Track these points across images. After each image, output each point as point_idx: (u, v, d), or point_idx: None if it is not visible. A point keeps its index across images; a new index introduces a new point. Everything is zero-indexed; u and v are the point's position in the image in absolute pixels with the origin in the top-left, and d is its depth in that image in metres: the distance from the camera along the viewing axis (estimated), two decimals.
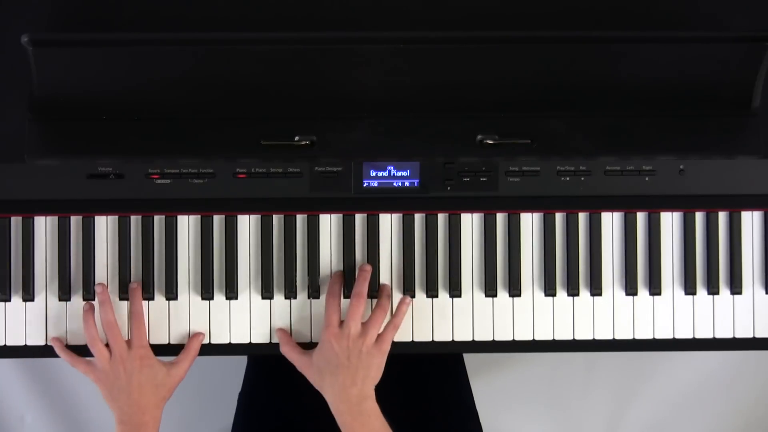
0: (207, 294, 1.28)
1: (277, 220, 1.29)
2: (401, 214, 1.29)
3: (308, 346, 1.27)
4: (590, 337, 1.30)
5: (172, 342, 1.28)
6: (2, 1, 1.28)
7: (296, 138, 1.24)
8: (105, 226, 1.28)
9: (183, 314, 1.28)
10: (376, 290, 1.28)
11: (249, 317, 1.29)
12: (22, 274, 1.28)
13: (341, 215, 1.29)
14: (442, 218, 1.29)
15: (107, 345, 1.24)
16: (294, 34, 1.22)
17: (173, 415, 1.95)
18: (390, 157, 1.27)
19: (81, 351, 1.28)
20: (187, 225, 1.29)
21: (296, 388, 1.33)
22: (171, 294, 1.28)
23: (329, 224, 1.29)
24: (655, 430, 2.03)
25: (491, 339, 1.30)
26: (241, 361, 1.60)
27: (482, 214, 1.29)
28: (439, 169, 1.27)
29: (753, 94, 1.25)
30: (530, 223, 1.30)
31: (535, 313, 1.30)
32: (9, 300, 1.28)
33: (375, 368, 1.22)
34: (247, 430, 1.44)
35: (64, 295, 1.28)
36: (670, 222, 1.31)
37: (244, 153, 1.25)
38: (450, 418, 1.45)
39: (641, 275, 1.30)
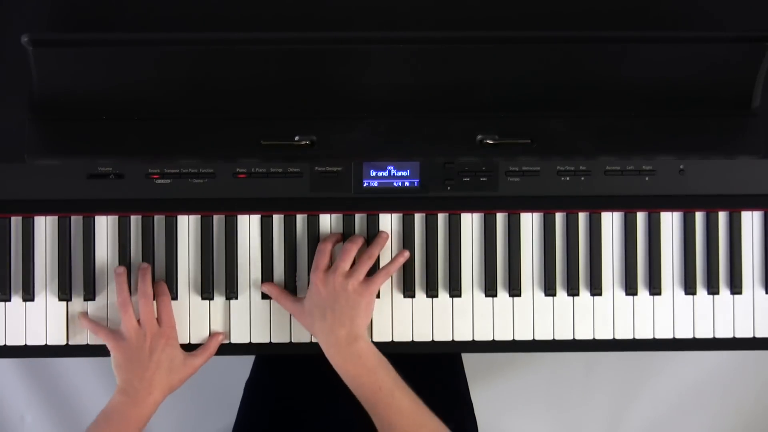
0: (207, 294, 1.28)
1: (277, 220, 1.29)
2: (401, 214, 1.29)
3: (308, 347, 1.27)
4: (590, 337, 1.30)
5: None
6: (2, 1, 1.28)
7: (296, 138, 1.24)
8: (105, 226, 1.28)
9: (183, 314, 1.28)
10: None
11: (249, 317, 1.29)
12: (22, 274, 1.28)
13: (341, 215, 1.29)
14: (442, 218, 1.29)
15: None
16: (294, 34, 1.22)
17: (173, 415, 1.95)
18: (390, 157, 1.27)
19: (81, 351, 1.28)
20: (187, 225, 1.29)
21: (302, 378, 1.34)
22: (171, 294, 1.28)
23: (329, 224, 1.29)
24: (655, 430, 2.03)
25: (491, 339, 1.30)
26: (240, 360, 1.60)
27: (482, 214, 1.29)
28: (439, 169, 1.27)
29: (753, 94, 1.25)
30: (530, 223, 1.30)
31: (535, 313, 1.30)
32: (9, 300, 1.28)
33: (363, 308, 1.21)
34: (252, 417, 1.44)
35: (64, 295, 1.28)
36: (670, 222, 1.31)
37: (244, 153, 1.25)
38: (444, 410, 1.45)
39: (641, 275, 1.30)
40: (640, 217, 1.30)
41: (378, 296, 1.28)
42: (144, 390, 1.20)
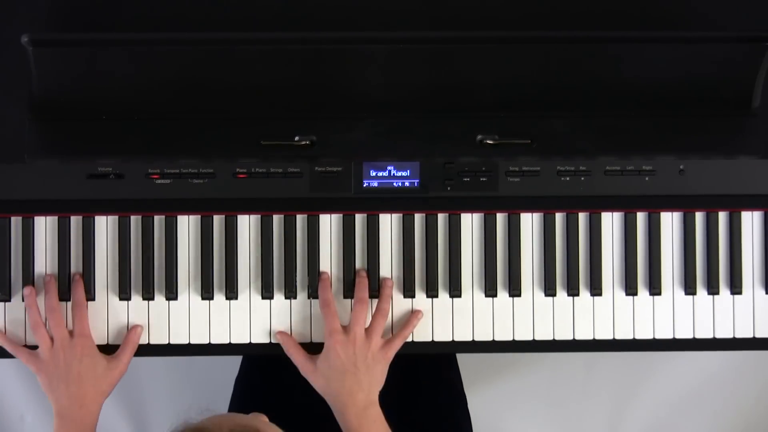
0: (207, 294, 1.28)
1: (277, 220, 1.29)
2: (401, 214, 1.29)
3: (308, 347, 1.27)
4: (590, 337, 1.30)
5: (172, 342, 1.28)
6: (2, 1, 1.28)
7: (296, 138, 1.24)
8: (105, 226, 1.28)
9: (183, 314, 1.28)
10: (375, 289, 1.28)
11: (249, 317, 1.29)
12: (22, 274, 1.28)
13: (341, 215, 1.29)
14: (442, 218, 1.29)
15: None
16: (294, 34, 1.22)
17: (169, 413, 1.95)
18: (390, 157, 1.27)
19: None
20: (187, 225, 1.29)
21: (291, 372, 1.33)
22: (171, 294, 1.28)
23: (329, 224, 1.29)
24: (655, 430, 2.03)
25: (491, 339, 1.29)
26: (236, 360, 1.60)
27: (482, 214, 1.29)
28: (439, 169, 1.27)
29: (753, 94, 1.25)
30: (530, 223, 1.30)
31: (535, 313, 1.30)
32: (9, 300, 1.28)
33: (379, 374, 1.22)
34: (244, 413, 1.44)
35: (64, 295, 1.27)
36: (670, 222, 1.30)
37: (244, 153, 1.25)
38: (444, 410, 1.45)
39: (641, 275, 1.30)
40: (640, 217, 1.30)
41: None
42: (75, 406, 1.20)
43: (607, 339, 1.30)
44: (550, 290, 1.29)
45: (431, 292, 1.29)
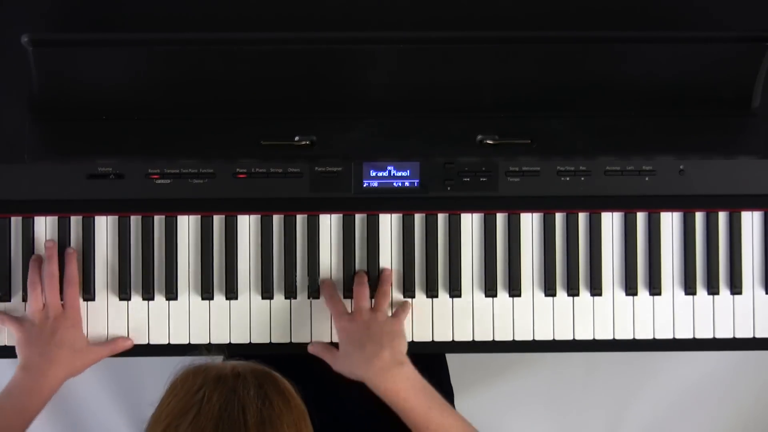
0: (207, 294, 1.28)
1: (277, 220, 1.29)
2: (401, 214, 1.29)
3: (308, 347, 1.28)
4: (590, 337, 1.30)
5: (172, 342, 1.28)
6: (2, 1, 1.28)
7: (296, 138, 1.24)
8: (105, 226, 1.28)
9: (183, 314, 1.28)
10: (375, 290, 1.28)
11: (249, 317, 1.29)
12: (22, 274, 1.27)
13: (341, 215, 1.29)
14: (442, 218, 1.29)
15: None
16: (294, 34, 1.22)
17: None
18: (390, 157, 1.27)
19: None
20: (187, 225, 1.29)
21: (288, 373, 1.33)
22: (171, 294, 1.28)
23: (329, 224, 1.29)
24: (654, 431, 2.02)
25: (491, 339, 1.30)
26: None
27: (482, 214, 1.29)
28: (439, 169, 1.27)
29: (753, 94, 1.25)
30: (530, 223, 1.30)
31: (535, 313, 1.30)
32: (9, 300, 1.28)
33: (398, 334, 1.22)
34: None
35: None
36: (670, 222, 1.31)
37: (244, 153, 1.25)
38: None
39: (641, 275, 1.30)
40: (640, 217, 1.30)
41: None
42: (44, 364, 1.20)
43: (607, 339, 1.30)
44: (550, 290, 1.29)
45: (431, 292, 1.29)
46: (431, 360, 1.50)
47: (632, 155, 1.27)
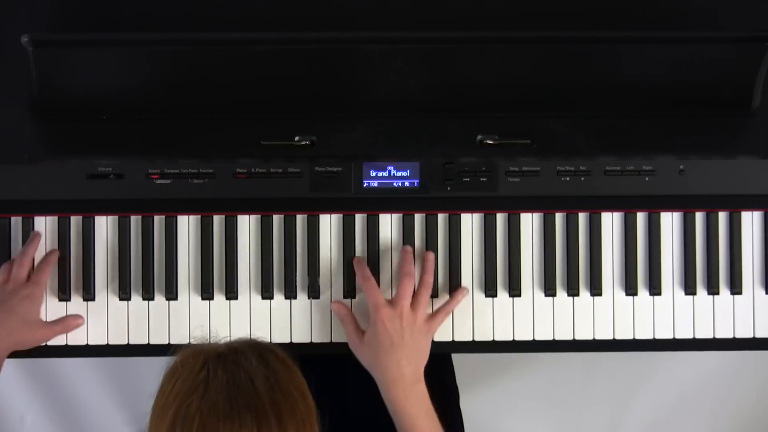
0: (207, 294, 1.28)
1: (277, 220, 1.29)
2: (401, 214, 1.29)
3: (308, 347, 1.27)
4: (590, 337, 1.30)
5: (172, 342, 1.28)
6: (2, 1, 1.28)
7: (296, 138, 1.24)
8: (105, 226, 1.28)
9: (183, 314, 1.28)
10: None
11: (249, 317, 1.29)
12: None
13: (341, 215, 1.29)
14: (442, 218, 1.29)
15: None
16: (294, 34, 1.22)
17: None
18: (390, 157, 1.27)
19: (80, 351, 1.27)
20: (187, 225, 1.29)
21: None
22: (171, 294, 1.28)
23: (329, 224, 1.29)
24: (655, 431, 2.02)
25: (491, 339, 1.30)
26: None
27: (482, 214, 1.29)
28: (439, 169, 1.27)
29: (753, 94, 1.25)
30: (530, 223, 1.30)
31: (535, 313, 1.30)
32: None
33: (425, 347, 1.22)
34: None
35: (64, 295, 1.28)
36: (670, 222, 1.31)
37: (244, 153, 1.25)
38: (439, 410, 1.45)
39: (641, 275, 1.30)
40: (640, 217, 1.30)
41: None
42: None
43: (607, 339, 1.30)
44: (550, 290, 1.29)
45: (431, 292, 1.29)
46: (436, 358, 1.50)
47: (632, 155, 1.27)
